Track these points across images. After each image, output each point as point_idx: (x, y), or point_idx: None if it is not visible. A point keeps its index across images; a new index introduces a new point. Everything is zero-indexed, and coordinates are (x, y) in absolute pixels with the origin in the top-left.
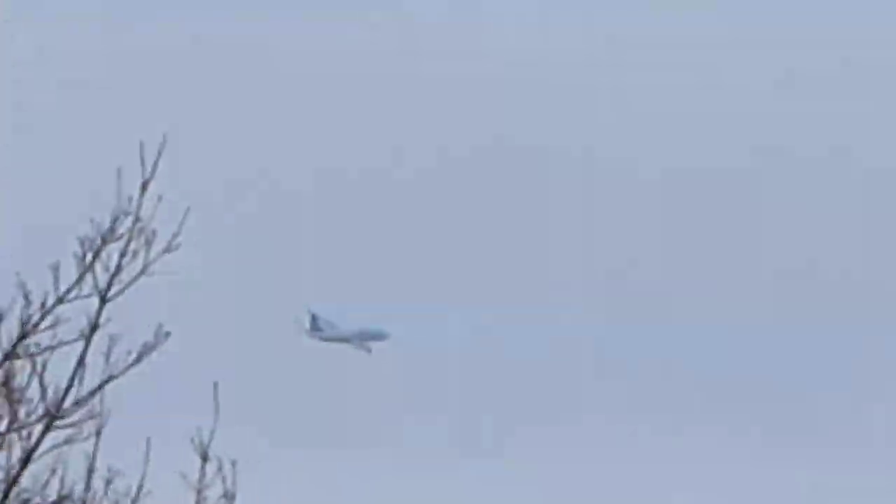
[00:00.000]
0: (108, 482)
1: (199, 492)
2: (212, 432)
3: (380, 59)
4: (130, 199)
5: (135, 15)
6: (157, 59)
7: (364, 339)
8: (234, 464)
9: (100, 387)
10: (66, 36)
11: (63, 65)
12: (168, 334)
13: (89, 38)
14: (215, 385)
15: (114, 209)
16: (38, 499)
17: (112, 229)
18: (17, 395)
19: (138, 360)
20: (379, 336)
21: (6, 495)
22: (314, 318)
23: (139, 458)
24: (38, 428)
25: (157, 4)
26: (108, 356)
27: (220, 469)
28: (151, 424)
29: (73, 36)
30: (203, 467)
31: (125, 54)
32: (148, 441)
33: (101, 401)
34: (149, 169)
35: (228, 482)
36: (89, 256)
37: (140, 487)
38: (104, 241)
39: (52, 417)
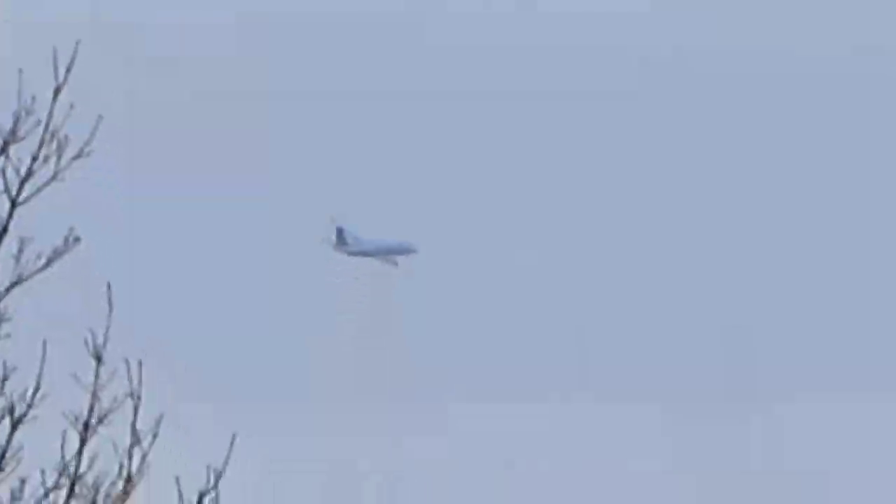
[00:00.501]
0: (4, 379)
1: (93, 394)
2: (105, 334)
3: None
4: (34, 98)
5: None
6: None
7: (391, 253)
8: (139, 364)
9: (8, 289)
10: None
11: None
12: (78, 239)
13: None
14: (109, 285)
15: (16, 110)
16: None
17: (14, 131)
18: None
19: (48, 264)
20: (406, 250)
21: None
22: (340, 233)
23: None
24: None
25: None
26: (18, 259)
27: (115, 371)
28: (52, 328)
29: None
30: (97, 369)
31: None
32: (44, 343)
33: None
34: (61, 75)
35: (134, 382)
36: None
37: (36, 389)
38: (6, 143)
39: None
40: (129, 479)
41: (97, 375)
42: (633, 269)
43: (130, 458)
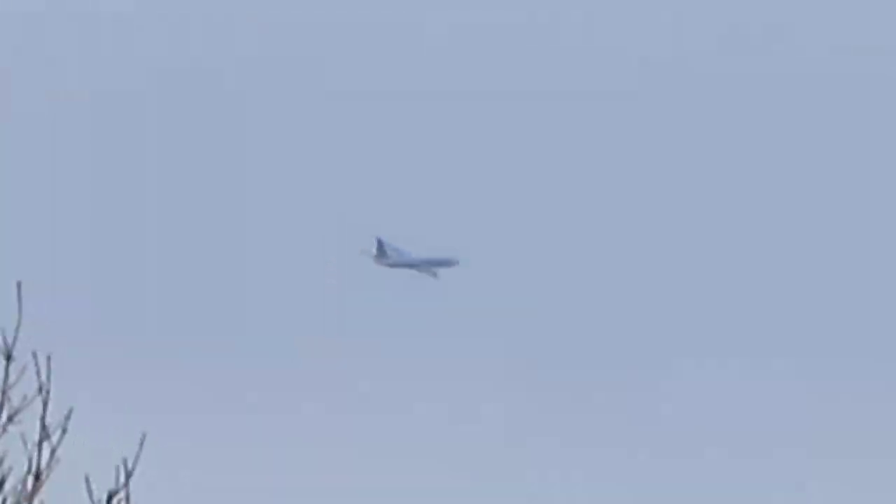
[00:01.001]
0: None
1: (3, 392)
2: (15, 331)
3: None
4: None
5: None
6: None
7: (433, 265)
8: (48, 359)
9: None
10: None
11: None
12: None
13: None
14: (19, 284)
15: None
16: None
17: None
18: None
19: None
20: (448, 263)
21: None
22: (380, 245)
23: None
24: None
25: None
26: None
27: (24, 369)
28: None
29: None
30: (7, 367)
31: None
32: None
33: None
34: None
35: (42, 376)
36: None
37: None
38: None
39: None
40: (37, 476)
41: (6, 374)
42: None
43: (39, 453)
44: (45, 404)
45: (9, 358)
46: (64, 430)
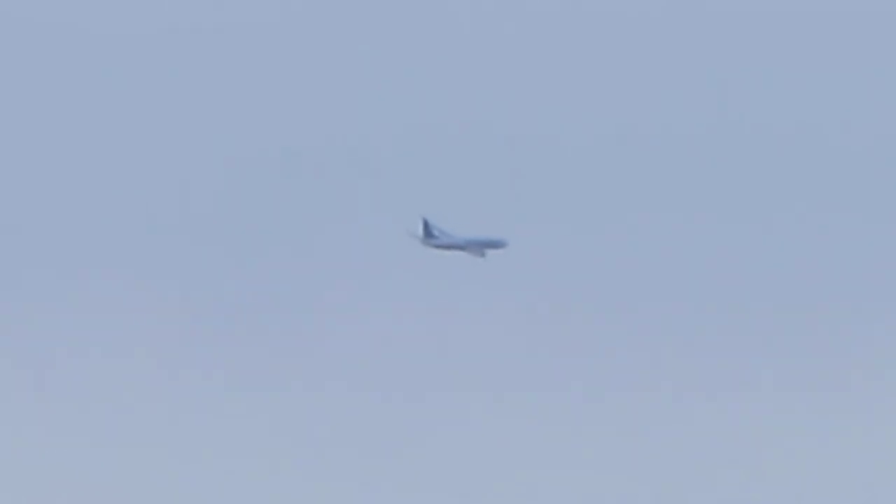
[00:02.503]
0: None
1: None
2: None
3: None
4: None
5: None
6: None
7: (481, 246)
8: None
9: None
10: None
11: None
12: None
13: None
14: None
15: None
16: None
17: None
18: None
19: None
20: (496, 244)
21: None
22: (427, 226)
23: None
24: None
25: None
26: None
27: None
28: None
29: None
30: None
31: None
32: None
33: None
34: None
35: None
36: None
37: None
38: None
39: None
40: None
41: None
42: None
43: None
44: None
45: None
46: None
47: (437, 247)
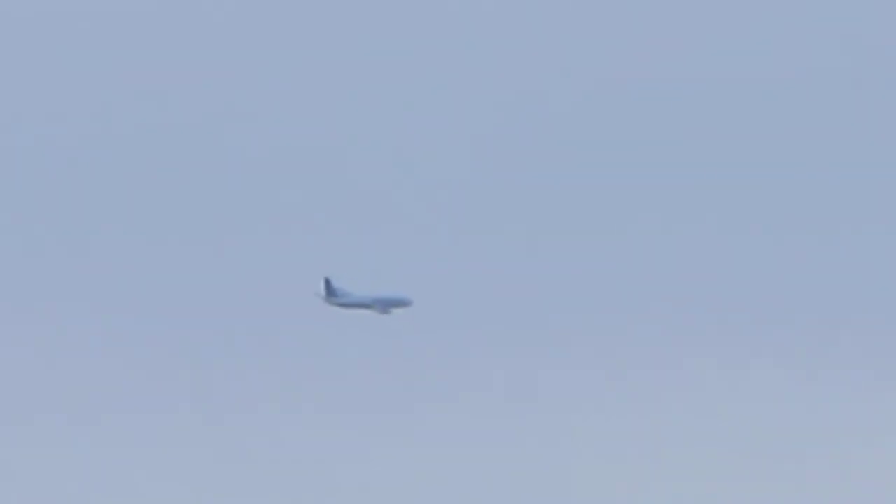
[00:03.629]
0: None
1: None
2: None
3: None
4: None
5: None
6: None
7: (386, 305)
8: None
9: None
10: None
11: None
12: None
13: None
14: None
15: None
16: None
17: None
18: None
19: None
20: (400, 302)
21: None
22: (329, 285)
23: None
24: None
25: None
26: None
27: None
28: None
29: None
30: None
31: None
32: None
33: None
34: None
35: None
36: None
37: None
38: None
39: None
40: None
41: None
42: None
43: None
44: None
45: None
46: None
47: (341, 305)
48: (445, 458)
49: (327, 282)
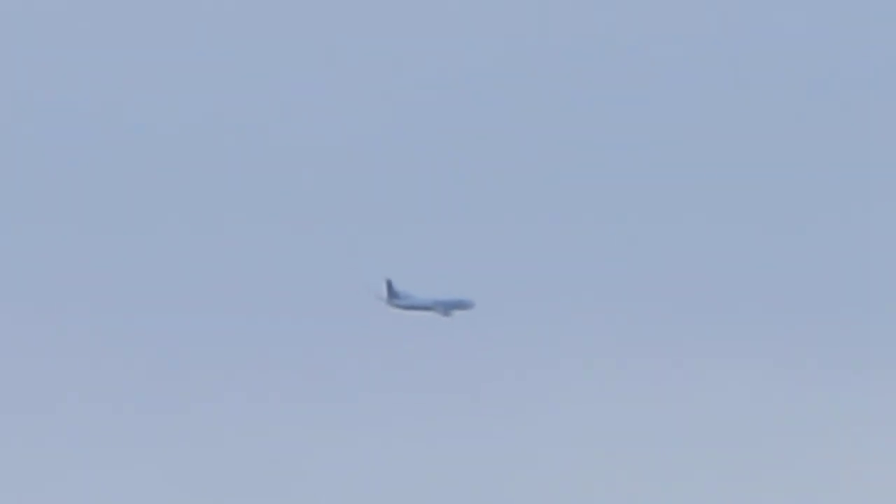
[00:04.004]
0: None
1: None
2: None
3: None
4: None
5: None
6: None
7: (447, 307)
8: None
9: None
10: None
11: None
12: None
13: None
14: None
15: None
16: None
17: None
18: None
19: None
20: (462, 305)
21: None
22: (391, 287)
23: None
24: None
25: None
26: None
27: None
28: None
29: None
30: None
31: None
32: None
33: None
34: None
35: None
36: None
37: None
38: None
39: None
40: None
41: None
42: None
43: None
44: None
45: None
46: None
47: (403, 307)
48: (508, 459)
49: (389, 284)
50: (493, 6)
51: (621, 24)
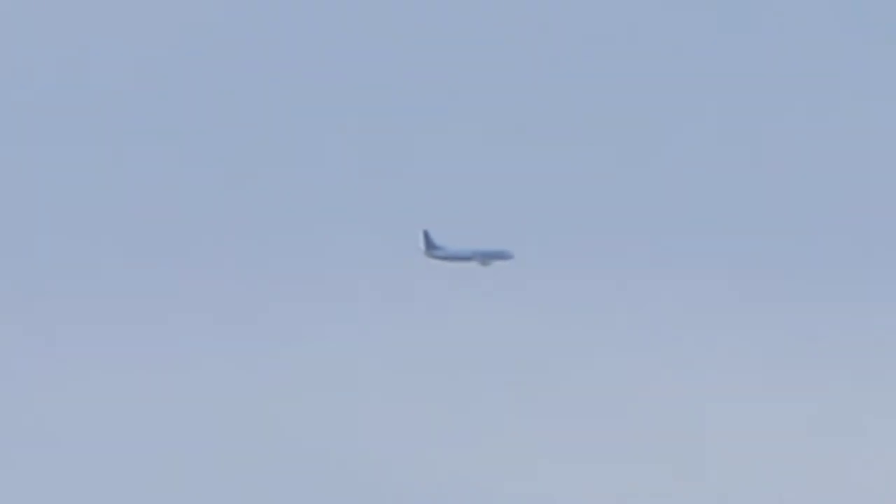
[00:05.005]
0: None
1: None
2: None
3: None
4: None
5: None
6: None
7: (486, 258)
8: None
9: None
10: None
11: None
12: None
13: None
14: None
15: None
16: None
17: None
18: None
19: None
20: (500, 256)
21: None
22: (428, 238)
23: None
24: None
25: None
26: None
27: None
28: None
29: None
30: None
31: None
32: None
33: None
34: None
35: None
36: None
37: None
38: None
39: None
40: None
41: None
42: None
43: None
44: None
45: None
46: None
47: (442, 258)
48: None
49: (426, 234)
50: None
51: None
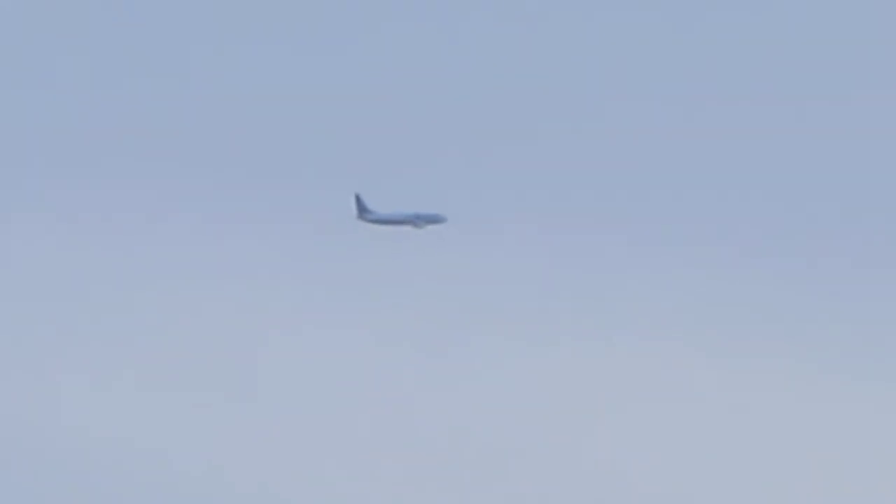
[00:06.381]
0: None
1: None
2: None
3: None
4: None
5: None
6: None
7: (420, 221)
8: None
9: None
10: None
11: None
12: None
13: None
14: None
15: None
16: None
17: None
18: None
19: None
20: (433, 219)
21: None
22: (360, 201)
23: None
24: None
25: None
26: None
27: None
28: None
29: None
30: None
31: None
32: None
33: None
34: None
35: None
36: None
37: None
38: None
39: None
40: None
41: None
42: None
43: None
44: None
45: None
46: None
47: (374, 222)
48: (478, 381)
49: (358, 198)
50: None
51: None
